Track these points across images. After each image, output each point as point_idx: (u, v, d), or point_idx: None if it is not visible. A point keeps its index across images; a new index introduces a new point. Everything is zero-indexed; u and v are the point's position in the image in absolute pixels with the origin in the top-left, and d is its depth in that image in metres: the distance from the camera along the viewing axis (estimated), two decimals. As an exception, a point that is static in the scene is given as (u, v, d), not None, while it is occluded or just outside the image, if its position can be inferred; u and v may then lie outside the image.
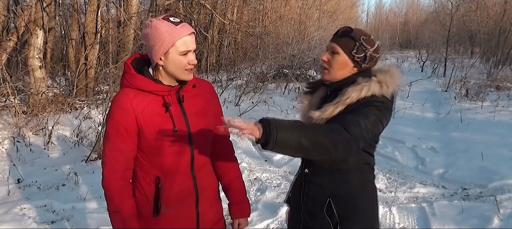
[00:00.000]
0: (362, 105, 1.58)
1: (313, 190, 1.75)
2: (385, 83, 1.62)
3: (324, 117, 1.62)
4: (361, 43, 1.63)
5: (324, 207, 1.69)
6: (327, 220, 1.69)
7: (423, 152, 5.77)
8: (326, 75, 1.71)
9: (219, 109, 1.83)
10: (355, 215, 1.70)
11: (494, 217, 3.65)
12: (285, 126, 1.34)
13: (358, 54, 1.64)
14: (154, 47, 1.56)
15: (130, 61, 1.64)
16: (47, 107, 6.51)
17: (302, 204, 1.80)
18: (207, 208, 1.76)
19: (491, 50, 16.56)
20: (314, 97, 1.82)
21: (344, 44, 1.65)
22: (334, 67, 1.67)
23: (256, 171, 4.94)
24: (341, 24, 20.75)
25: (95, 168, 4.79)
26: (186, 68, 1.58)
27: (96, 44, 8.07)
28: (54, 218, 3.70)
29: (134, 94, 1.59)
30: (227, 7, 13.41)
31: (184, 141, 1.63)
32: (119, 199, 1.61)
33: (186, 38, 1.55)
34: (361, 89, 1.60)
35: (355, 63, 1.66)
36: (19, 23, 7.05)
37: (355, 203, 1.70)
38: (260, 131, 1.32)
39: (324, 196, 1.70)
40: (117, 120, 1.58)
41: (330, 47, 1.69)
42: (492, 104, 8.58)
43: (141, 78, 1.59)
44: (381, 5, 53.06)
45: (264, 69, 11.60)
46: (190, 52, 1.58)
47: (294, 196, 1.87)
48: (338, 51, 1.65)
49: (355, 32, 1.65)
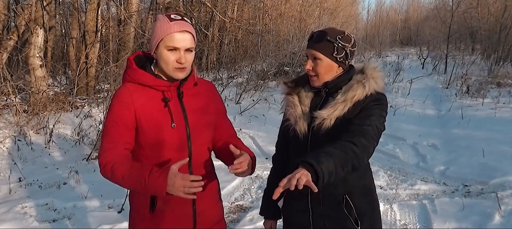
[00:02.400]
0: (370, 105, 1.61)
1: (325, 191, 1.68)
2: (378, 79, 1.68)
3: (335, 115, 1.62)
4: (339, 43, 1.65)
5: (343, 205, 1.69)
6: (347, 217, 1.69)
7: (424, 149, 5.77)
8: (316, 82, 1.71)
9: (222, 109, 1.82)
10: (369, 207, 1.74)
11: (495, 213, 3.64)
12: (320, 158, 1.38)
13: (339, 55, 1.66)
14: (151, 40, 1.60)
15: (132, 58, 1.65)
16: (48, 105, 6.51)
17: (310, 208, 1.75)
18: (206, 207, 1.74)
19: (492, 47, 16.54)
20: (302, 97, 1.77)
21: (323, 48, 1.65)
22: (320, 72, 1.68)
23: (257, 169, 4.94)
24: (342, 22, 20.76)
25: (96, 167, 4.78)
26: (174, 66, 1.56)
27: (96, 43, 8.07)
28: (55, 217, 3.71)
29: (134, 89, 1.59)
30: (228, 5, 13.39)
31: (182, 138, 1.62)
32: (120, 163, 1.51)
33: (177, 34, 1.54)
34: (363, 85, 1.63)
35: (339, 63, 1.68)
36: (19, 22, 7.06)
37: (367, 197, 1.75)
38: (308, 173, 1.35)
39: (339, 195, 1.69)
40: (116, 113, 1.58)
41: (310, 54, 1.68)
42: (493, 101, 8.56)
43: (142, 72, 1.60)
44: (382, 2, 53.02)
45: (265, 67, 11.59)
46: (179, 49, 1.55)
47: (297, 203, 1.80)
48: (319, 57, 1.66)
49: (330, 34, 1.65)
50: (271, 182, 1.96)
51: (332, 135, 1.61)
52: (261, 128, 6.81)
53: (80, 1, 9.28)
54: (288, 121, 1.77)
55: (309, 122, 1.70)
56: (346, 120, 1.61)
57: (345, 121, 1.61)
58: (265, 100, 8.56)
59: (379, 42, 27.75)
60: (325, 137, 1.63)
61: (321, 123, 1.64)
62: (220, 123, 1.78)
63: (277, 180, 1.83)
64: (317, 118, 1.65)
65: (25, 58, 7.05)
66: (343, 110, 1.62)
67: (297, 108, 1.75)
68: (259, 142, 6.11)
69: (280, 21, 14.35)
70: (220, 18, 11.97)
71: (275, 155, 1.97)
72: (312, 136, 1.69)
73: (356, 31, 29.79)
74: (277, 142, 1.95)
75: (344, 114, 1.62)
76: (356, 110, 1.62)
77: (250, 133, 6.52)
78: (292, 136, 1.75)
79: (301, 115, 1.73)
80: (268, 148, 5.66)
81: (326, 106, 1.66)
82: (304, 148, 1.71)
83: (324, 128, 1.63)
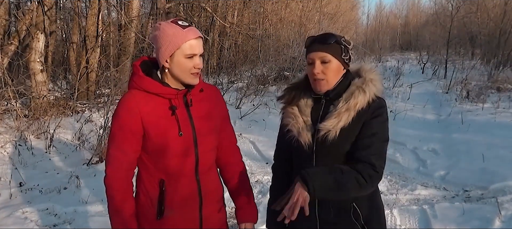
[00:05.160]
0: (374, 123, 1.60)
1: (334, 201, 1.68)
2: (376, 81, 1.66)
3: (340, 127, 1.59)
4: (344, 45, 1.65)
5: (351, 213, 1.67)
6: (354, 224, 1.67)
7: (424, 154, 5.77)
8: (324, 86, 1.66)
9: (226, 113, 1.83)
10: (376, 213, 1.74)
11: (496, 218, 3.64)
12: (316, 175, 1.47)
13: (346, 56, 1.66)
14: (161, 49, 1.56)
15: (138, 63, 1.64)
16: (48, 110, 6.52)
17: (318, 219, 1.72)
18: (211, 213, 1.75)
19: (492, 52, 16.57)
20: (302, 107, 1.73)
21: (332, 50, 1.63)
22: (330, 75, 1.64)
23: (257, 174, 4.94)
24: (342, 26, 20.82)
25: (97, 171, 4.80)
26: (192, 72, 1.58)
27: (97, 48, 8.09)
28: (56, 222, 3.71)
29: (141, 96, 1.59)
30: (228, 10, 13.43)
31: (189, 145, 1.63)
32: (121, 199, 1.61)
33: (193, 41, 1.55)
34: (363, 91, 1.61)
35: (345, 65, 1.68)
36: (20, 27, 7.07)
37: (373, 202, 1.73)
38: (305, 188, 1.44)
39: (347, 203, 1.67)
40: (123, 120, 1.58)
41: (318, 57, 1.63)
42: (493, 106, 8.57)
43: (149, 80, 1.59)
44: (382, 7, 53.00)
45: (265, 72, 11.61)
46: (196, 56, 1.57)
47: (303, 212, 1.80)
48: (329, 59, 1.63)
49: (336, 36, 1.65)
50: (274, 192, 1.93)
51: (338, 146, 1.61)
52: (261, 132, 6.81)
53: (81, 6, 9.31)
54: (290, 132, 1.72)
55: (313, 132, 1.66)
56: (351, 130, 1.60)
57: (351, 131, 1.60)
58: (265, 104, 8.56)
59: (379, 47, 27.78)
60: (331, 148, 1.61)
61: (326, 135, 1.61)
62: (222, 128, 1.79)
63: (279, 191, 1.87)
64: (321, 129, 1.61)
65: (26, 63, 7.07)
66: (347, 120, 1.59)
67: (299, 119, 1.70)
68: (260, 147, 6.11)
69: (280, 26, 14.38)
70: (220, 23, 12.01)
71: (275, 165, 1.94)
72: (317, 147, 1.66)
73: (356, 35, 29.87)
74: (275, 151, 1.92)
75: (349, 124, 1.59)
76: (360, 120, 1.60)
77: (251, 138, 6.52)
78: (296, 147, 1.71)
79: (304, 127, 1.69)
80: (269, 153, 5.66)
81: (329, 116, 1.63)
82: (309, 159, 1.68)
83: (330, 139, 1.60)
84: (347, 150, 1.62)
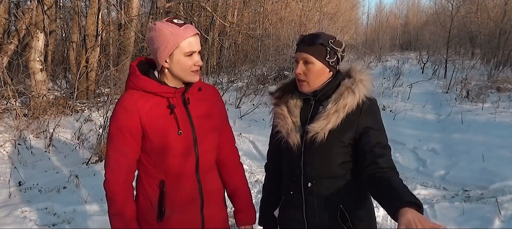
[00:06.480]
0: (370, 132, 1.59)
1: (321, 203, 1.66)
2: (366, 81, 1.64)
3: (328, 128, 1.58)
4: (331, 47, 1.61)
5: (338, 216, 1.64)
6: (342, 227, 1.65)
7: (424, 154, 5.77)
8: (305, 87, 1.66)
9: (224, 113, 1.82)
10: (365, 213, 1.71)
11: (495, 218, 3.64)
12: None
13: (331, 59, 1.62)
14: (159, 49, 1.55)
15: (135, 64, 1.62)
16: (48, 109, 6.52)
17: (306, 220, 1.71)
18: (213, 213, 1.73)
19: (492, 52, 16.54)
20: (291, 107, 1.72)
21: (316, 52, 1.61)
22: (311, 77, 1.63)
23: (257, 173, 4.94)
24: (341, 26, 20.81)
25: (96, 171, 4.79)
26: (192, 70, 1.57)
27: (97, 47, 8.08)
28: (55, 221, 3.71)
29: (138, 96, 1.57)
30: (228, 9, 13.43)
31: (189, 144, 1.61)
32: (121, 202, 1.59)
33: (191, 39, 1.54)
34: (353, 92, 1.60)
35: (330, 67, 1.65)
36: (20, 26, 7.07)
37: (361, 203, 1.70)
38: None
39: (334, 206, 1.65)
40: (121, 121, 1.56)
41: (301, 58, 1.63)
42: (493, 106, 8.55)
43: (146, 79, 1.58)
44: (382, 7, 52.97)
45: (265, 71, 11.61)
46: (195, 53, 1.57)
47: (292, 212, 1.76)
48: (312, 61, 1.61)
49: (323, 37, 1.62)
50: (267, 190, 1.94)
51: (326, 147, 1.60)
52: (261, 132, 6.80)
53: (81, 5, 9.31)
54: (279, 133, 1.72)
55: (302, 133, 1.65)
56: (340, 131, 1.59)
57: (339, 133, 1.59)
58: (265, 104, 8.54)
59: (379, 46, 27.78)
60: (319, 149, 1.61)
61: (314, 136, 1.60)
62: (221, 129, 1.78)
63: (272, 188, 1.88)
64: (310, 131, 1.60)
65: (25, 62, 7.07)
66: (336, 122, 1.58)
67: (288, 120, 1.70)
68: (259, 147, 6.11)
69: (280, 26, 14.38)
70: (220, 23, 12.01)
71: (268, 164, 1.94)
72: (306, 148, 1.65)
73: (356, 35, 29.88)
74: (268, 150, 1.91)
75: (337, 125, 1.58)
76: (350, 122, 1.59)
77: (250, 138, 6.52)
78: (285, 148, 1.71)
79: (293, 127, 1.68)
80: (268, 153, 5.65)
81: (318, 117, 1.61)
82: (298, 160, 1.68)
83: (318, 141, 1.59)
84: (336, 151, 1.62)
